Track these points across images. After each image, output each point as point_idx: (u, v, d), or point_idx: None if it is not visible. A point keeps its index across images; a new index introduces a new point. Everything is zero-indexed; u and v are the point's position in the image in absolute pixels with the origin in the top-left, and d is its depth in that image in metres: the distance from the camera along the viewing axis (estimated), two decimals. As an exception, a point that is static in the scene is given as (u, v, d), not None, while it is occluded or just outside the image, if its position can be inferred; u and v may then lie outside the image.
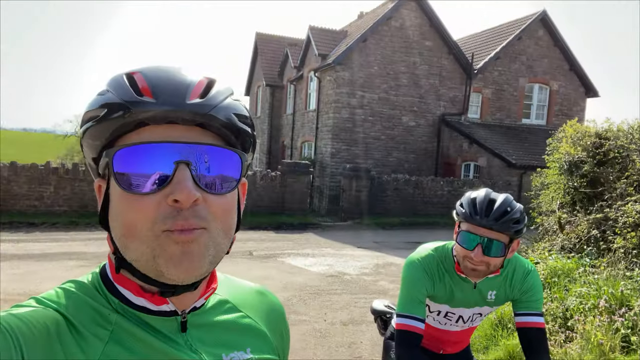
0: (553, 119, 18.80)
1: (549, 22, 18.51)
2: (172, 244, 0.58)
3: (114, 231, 0.63)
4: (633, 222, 5.08)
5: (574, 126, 6.85)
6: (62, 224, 10.92)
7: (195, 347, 0.67)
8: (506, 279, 1.83)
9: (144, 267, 0.61)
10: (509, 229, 1.58)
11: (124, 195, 0.60)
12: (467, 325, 1.94)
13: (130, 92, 0.60)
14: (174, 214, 0.58)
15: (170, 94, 0.60)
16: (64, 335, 0.57)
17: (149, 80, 0.61)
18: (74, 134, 21.55)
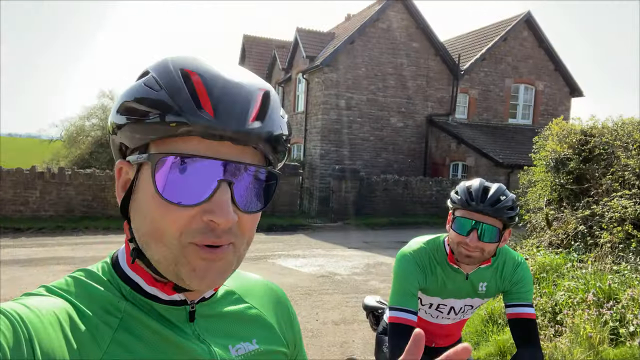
0: (539, 118, 19.03)
1: (533, 23, 18.75)
2: (198, 259, 0.59)
3: (137, 224, 0.62)
4: (619, 217, 5.16)
5: (560, 124, 6.94)
6: (48, 228, 10.77)
7: (203, 337, 0.67)
8: (497, 270, 1.85)
9: (164, 268, 0.61)
10: (503, 214, 1.62)
11: (159, 200, 0.58)
12: (458, 317, 1.95)
13: (190, 102, 0.56)
14: (206, 231, 0.58)
15: (233, 115, 0.57)
16: (74, 323, 0.56)
17: (210, 88, 0.58)
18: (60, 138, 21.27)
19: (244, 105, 0.58)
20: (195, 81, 0.58)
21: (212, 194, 0.58)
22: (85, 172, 12.11)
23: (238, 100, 0.58)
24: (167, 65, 0.60)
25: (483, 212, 1.62)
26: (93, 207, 11.99)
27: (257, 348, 0.74)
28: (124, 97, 0.61)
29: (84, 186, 11.90)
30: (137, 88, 0.60)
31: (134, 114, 0.59)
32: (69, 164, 18.00)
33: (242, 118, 0.58)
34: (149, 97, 0.58)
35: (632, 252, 4.90)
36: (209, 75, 0.59)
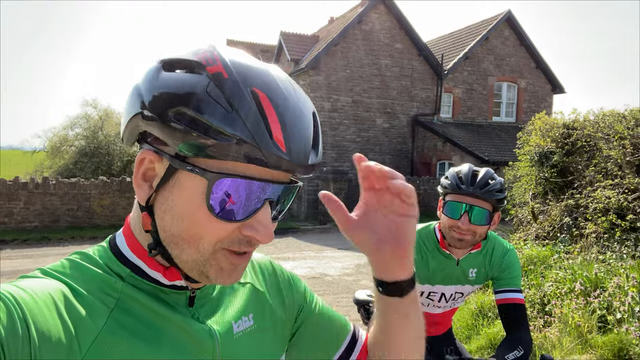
0: (522, 115, 19.27)
1: (514, 22, 19.01)
2: (227, 262, 0.62)
3: (167, 224, 0.61)
4: (603, 208, 5.24)
5: (543, 118, 7.04)
6: (33, 239, 10.60)
7: (203, 319, 0.69)
8: (486, 256, 1.88)
9: (189, 268, 0.63)
10: (492, 196, 1.65)
11: (203, 210, 0.58)
12: (448, 305, 1.96)
13: (264, 132, 0.56)
14: (243, 242, 0.61)
15: (300, 152, 0.59)
16: (69, 303, 0.56)
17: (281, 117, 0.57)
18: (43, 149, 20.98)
19: (307, 137, 0.61)
20: (265, 105, 0.57)
21: (256, 211, 0.60)
22: (70, 181, 11.95)
23: (302, 132, 0.60)
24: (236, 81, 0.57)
25: (473, 195, 1.65)
26: (79, 217, 11.84)
27: (252, 324, 0.75)
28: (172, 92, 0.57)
29: (69, 196, 11.74)
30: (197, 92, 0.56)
31: (191, 124, 0.55)
32: (53, 175, 17.76)
33: (307, 153, 0.60)
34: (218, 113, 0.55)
35: (616, 241, 4.98)
36: (277, 99, 0.59)
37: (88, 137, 19.46)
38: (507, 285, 1.82)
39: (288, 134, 0.57)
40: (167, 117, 0.56)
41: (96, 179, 12.72)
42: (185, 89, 0.56)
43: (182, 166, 0.57)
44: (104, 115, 20.33)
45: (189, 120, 0.55)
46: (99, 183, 12.12)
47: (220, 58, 0.59)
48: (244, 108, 0.55)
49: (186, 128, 0.55)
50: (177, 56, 0.60)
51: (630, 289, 3.95)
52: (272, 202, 0.61)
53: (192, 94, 0.55)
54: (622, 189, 5.29)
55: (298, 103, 0.61)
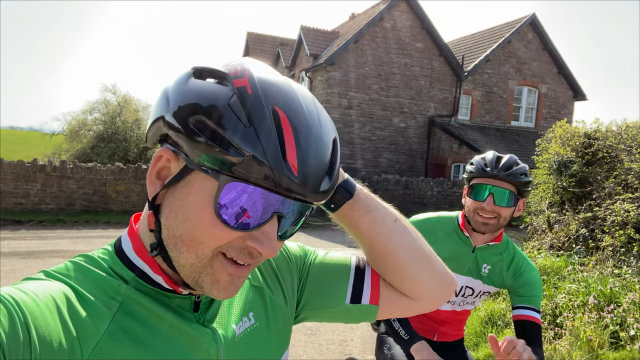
0: (542, 121, 18.99)
1: (538, 25, 18.71)
2: (224, 272, 0.60)
3: (171, 223, 0.61)
4: (621, 221, 5.14)
5: (563, 127, 6.92)
6: (48, 221, 10.76)
7: (207, 323, 0.68)
8: (506, 260, 1.87)
9: (186, 274, 0.62)
10: (517, 178, 1.68)
11: (210, 214, 0.58)
12: (458, 301, 1.94)
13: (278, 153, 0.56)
14: (244, 252, 0.60)
15: (312, 181, 0.59)
16: (72, 307, 0.56)
17: (297, 139, 0.57)
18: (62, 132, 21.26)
19: (322, 163, 0.60)
20: (284, 126, 0.57)
21: (264, 224, 0.59)
22: (87, 166, 12.10)
23: (318, 158, 0.59)
24: (258, 96, 0.57)
25: (498, 177, 1.69)
26: (94, 202, 11.99)
27: (253, 323, 0.75)
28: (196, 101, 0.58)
29: (85, 180, 11.89)
30: (219, 104, 0.56)
31: (208, 135, 0.56)
32: (70, 158, 18.00)
33: (319, 179, 0.60)
34: (236, 127, 0.55)
35: (633, 256, 4.88)
36: (296, 119, 0.58)
37: (106, 122, 19.67)
38: (527, 303, 1.79)
39: (303, 159, 0.57)
40: (188, 124, 0.57)
41: (112, 164, 12.86)
42: (208, 99, 0.57)
43: (198, 167, 0.58)
44: (123, 102, 20.52)
45: (208, 132, 0.56)
46: (115, 169, 12.25)
47: (247, 73, 0.59)
48: (262, 126, 0.56)
49: (205, 139, 0.56)
50: (209, 65, 0.61)
51: (645, 306, 3.87)
52: (281, 217, 0.60)
53: (215, 106, 0.56)
54: (642, 202, 5.19)
55: (319, 129, 0.61)
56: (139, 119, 20.18)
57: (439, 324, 2.02)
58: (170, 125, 0.59)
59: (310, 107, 0.62)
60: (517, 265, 1.85)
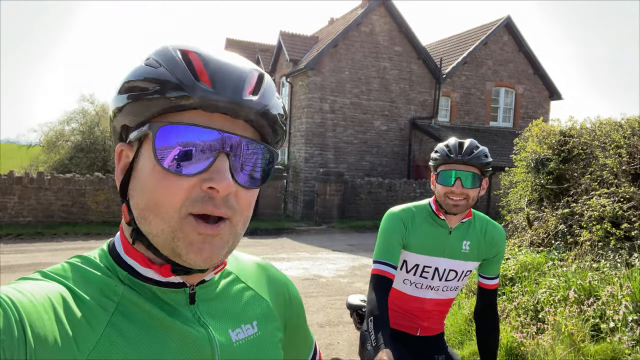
0: (519, 121, 19.33)
1: (513, 28, 19.07)
2: (195, 233, 0.60)
3: (135, 201, 0.62)
4: (598, 216, 5.25)
5: (540, 125, 7.05)
6: (27, 234, 10.53)
7: (204, 321, 0.67)
8: (481, 231, 1.98)
9: (161, 244, 0.61)
10: (479, 160, 1.81)
11: (159, 172, 0.59)
12: (441, 287, 1.98)
13: (188, 74, 0.59)
14: (205, 199, 0.59)
15: (229, 86, 0.60)
16: (69, 307, 0.56)
17: (207, 64, 0.60)
18: (39, 143, 20.86)
19: (240, 79, 0.61)
20: (192, 58, 0.60)
21: (211, 164, 0.59)
22: (65, 176, 11.89)
23: (234, 75, 0.61)
24: (166, 47, 0.63)
25: (462, 162, 1.81)
26: (73, 213, 11.78)
27: (256, 332, 0.74)
28: (125, 78, 0.63)
29: (64, 191, 11.68)
30: (137, 68, 0.62)
31: (134, 91, 0.60)
32: (48, 169, 17.66)
33: (239, 89, 0.60)
34: (148, 74, 0.60)
35: (610, 250, 4.99)
36: (204, 54, 0.62)
37: (84, 133, 19.38)
38: (494, 273, 1.99)
39: (214, 73, 0.60)
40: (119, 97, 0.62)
41: (91, 174, 12.66)
42: (132, 72, 0.63)
43: (135, 135, 0.61)
44: (101, 111, 20.24)
45: (126, 89, 0.61)
46: (94, 179, 12.06)
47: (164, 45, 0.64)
48: (169, 62, 0.60)
49: (128, 97, 0.61)
50: None
51: (624, 297, 3.95)
52: (229, 155, 0.60)
53: (136, 71, 0.62)
54: (618, 197, 5.31)
55: (234, 59, 0.64)
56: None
57: (422, 319, 2.04)
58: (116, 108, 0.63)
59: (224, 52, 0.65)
60: (491, 233, 1.99)
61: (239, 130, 0.62)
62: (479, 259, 1.99)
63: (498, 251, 1.98)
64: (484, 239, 1.97)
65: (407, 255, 1.94)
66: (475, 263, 1.99)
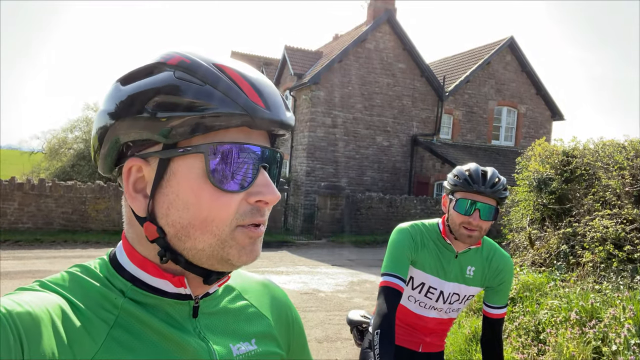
0: (521, 140, 19.38)
1: (516, 48, 19.23)
2: (246, 238, 0.62)
3: (173, 219, 0.61)
4: (600, 237, 5.22)
5: (543, 145, 7.06)
6: (25, 241, 10.49)
7: (204, 335, 0.67)
8: (486, 259, 1.95)
9: (207, 256, 0.62)
10: (500, 194, 1.77)
11: (208, 189, 0.59)
12: (445, 308, 1.97)
13: (242, 95, 0.59)
14: (254, 212, 0.62)
15: (278, 106, 0.62)
16: (68, 319, 0.55)
17: (250, 82, 0.61)
18: (41, 150, 20.90)
19: (280, 97, 0.64)
20: (233, 75, 0.60)
21: (255, 178, 0.62)
22: (66, 184, 11.89)
23: (275, 93, 0.63)
24: (197, 61, 0.60)
25: (484, 194, 1.75)
26: (73, 220, 11.75)
27: (255, 349, 0.73)
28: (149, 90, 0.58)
29: (64, 199, 11.67)
30: (169, 81, 0.58)
31: (175, 108, 0.57)
32: (49, 177, 17.67)
33: (283, 109, 0.63)
34: (194, 89, 0.58)
35: (613, 272, 4.95)
36: (240, 69, 0.62)
37: (87, 141, 19.42)
38: (502, 302, 1.94)
39: (262, 93, 0.60)
40: (148, 111, 0.58)
41: (93, 183, 12.67)
42: (152, 86, 0.58)
43: (174, 153, 0.59)
44: (105, 120, 20.32)
45: (170, 105, 0.57)
46: (95, 187, 12.06)
47: (176, 51, 0.62)
48: (214, 80, 0.58)
49: (171, 113, 0.57)
50: (133, 69, 0.62)
51: (626, 320, 3.91)
52: (265, 168, 0.63)
53: (163, 84, 0.58)
54: (620, 219, 5.29)
55: (258, 73, 0.64)
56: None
57: (424, 335, 2.03)
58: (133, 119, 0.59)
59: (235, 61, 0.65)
60: (497, 261, 1.95)
61: (267, 142, 0.66)
62: (482, 285, 1.97)
63: (503, 280, 1.94)
64: (489, 266, 1.94)
65: (414, 272, 1.93)
66: (478, 289, 1.98)
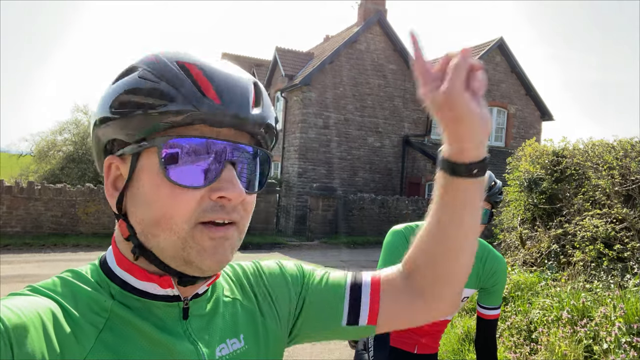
0: (511, 141, 19.51)
1: (505, 49, 19.36)
2: (207, 239, 0.60)
3: (137, 217, 0.62)
4: (591, 236, 5.27)
5: (533, 145, 7.11)
6: (14, 245, 10.36)
7: (194, 338, 0.66)
8: (481, 259, 1.96)
9: (171, 255, 0.61)
10: (495, 198, 1.80)
11: (166, 185, 0.59)
12: None
13: (194, 91, 0.58)
14: (216, 208, 0.60)
15: (235, 101, 0.60)
16: (58, 323, 0.55)
17: (211, 78, 0.60)
18: (30, 153, 20.64)
19: (245, 92, 0.62)
20: (194, 72, 0.60)
21: (219, 174, 0.60)
22: (56, 187, 11.76)
23: (238, 88, 0.61)
24: (160, 58, 0.61)
25: None
26: (62, 224, 11.62)
27: (242, 346, 0.72)
28: (116, 91, 0.60)
29: (54, 202, 11.54)
30: (132, 81, 0.60)
31: (133, 106, 0.59)
32: (38, 179, 17.46)
33: (245, 104, 0.61)
34: (150, 88, 0.58)
35: (603, 271, 5.00)
36: (206, 67, 0.61)
37: (77, 143, 19.22)
38: (494, 304, 1.97)
39: (221, 88, 0.59)
40: (114, 108, 0.60)
41: (82, 185, 12.54)
42: (125, 85, 0.60)
43: (134, 149, 0.60)
44: (94, 122, 20.13)
45: (122, 103, 0.59)
46: (85, 190, 11.94)
47: (153, 52, 0.63)
48: (172, 77, 0.58)
49: (123, 112, 0.59)
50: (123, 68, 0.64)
51: (617, 319, 3.94)
52: (234, 164, 0.61)
53: (130, 84, 0.60)
54: (610, 218, 5.34)
55: (231, 71, 0.63)
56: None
57: (420, 336, 2.03)
58: (102, 119, 0.61)
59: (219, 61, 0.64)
60: (491, 263, 1.97)
61: (241, 139, 0.63)
62: (476, 287, 1.98)
63: (497, 281, 1.96)
64: (483, 268, 1.96)
65: None
66: (472, 290, 1.99)
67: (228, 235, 0.62)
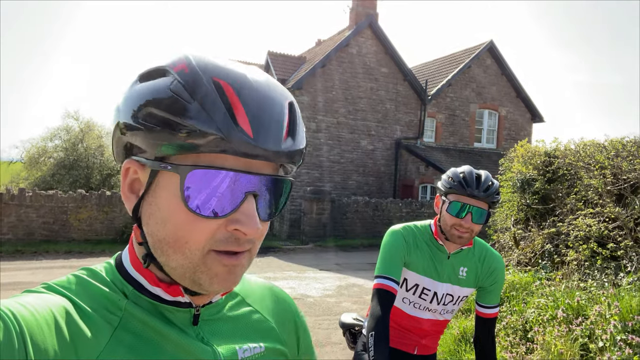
0: (503, 142, 19.67)
1: (496, 52, 19.54)
2: (220, 266, 0.59)
3: (152, 229, 0.60)
4: (584, 236, 5.32)
5: (525, 146, 7.17)
6: (6, 253, 10.25)
7: (207, 340, 0.66)
8: (479, 259, 1.98)
9: (179, 275, 0.60)
10: (493, 198, 1.80)
11: (183, 211, 0.57)
12: (439, 308, 1.98)
13: (227, 119, 0.55)
14: (230, 239, 0.59)
15: (269, 135, 0.57)
16: (72, 321, 0.55)
17: (245, 104, 0.56)
18: (20, 160, 20.46)
19: (278, 122, 0.58)
20: (229, 94, 0.56)
21: (239, 205, 0.58)
22: (47, 193, 11.66)
23: (273, 117, 0.58)
24: (193, 68, 0.57)
25: (477, 197, 1.77)
26: (54, 230, 11.52)
27: (262, 351, 0.72)
28: (142, 96, 0.58)
29: (45, 208, 11.44)
30: (161, 91, 0.56)
31: (159, 122, 0.56)
32: (29, 186, 17.30)
33: (278, 137, 0.58)
34: (180, 107, 0.55)
35: (597, 269, 5.04)
36: (242, 87, 0.57)
37: (68, 149, 19.07)
38: (492, 302, 1.96)
39: (255, 119, 0.56)
40: (138, 119, 0.57)
41: (74, 192, 12.44)
42: (153, 92, 0.57)
43: (156, 166, 0.57)
44: (86, 128, 19.98)
45: (149, 115, 0.56)
46: (77, 196, 11.85)
47: (185, 56, 0.59)
48: (205, 98, 0.55)
49: (150, 124, 0.56)
50: (152, 66, 0.61)
51: (612, 317, 3.98)
52: (256, 195, 0.59)
53: (159, 95, 0.56)
54: (603, 217, 5.39)
55: (268, 91, 0.59)
56: (102, 145, 19.65)
57: (420, 337, 2.03)
58: (125, 125, 0.59)
59: (255, 74, 0.61)
60: (489, 261, 1.97)
61: (266, 169, 0.60)
62: (475, 286, 1.99)
63: (496, 280, 1.97)
64: (481, 267, 1.97)
65: (407, 274, 1.94)
66: (471, 289, 2.00)
67: (241, 262, 0.61)
